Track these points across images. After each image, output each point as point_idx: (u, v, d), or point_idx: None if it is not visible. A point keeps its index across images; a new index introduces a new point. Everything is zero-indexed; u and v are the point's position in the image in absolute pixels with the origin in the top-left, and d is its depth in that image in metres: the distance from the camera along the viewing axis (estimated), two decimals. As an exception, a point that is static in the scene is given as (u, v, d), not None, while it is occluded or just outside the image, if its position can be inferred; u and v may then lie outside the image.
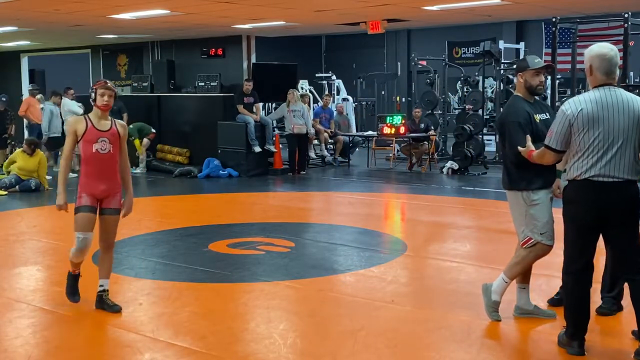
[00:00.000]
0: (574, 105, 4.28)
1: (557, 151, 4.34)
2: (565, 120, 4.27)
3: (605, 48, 4.31)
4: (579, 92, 11.71)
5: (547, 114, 4.99)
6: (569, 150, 4.36)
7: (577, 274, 4.41)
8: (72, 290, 5.64)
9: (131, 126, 13.92)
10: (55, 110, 14.65)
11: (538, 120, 4.85)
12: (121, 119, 14.06)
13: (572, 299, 4.48)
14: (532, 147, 4.62)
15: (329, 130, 15.81)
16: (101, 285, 5.54)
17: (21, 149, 12.62)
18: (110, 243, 5.48)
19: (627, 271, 4.40)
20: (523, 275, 5.14)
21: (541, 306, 5.45)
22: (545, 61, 16.17)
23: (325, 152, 15.93)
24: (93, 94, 5.36)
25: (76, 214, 5.37)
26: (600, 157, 4.22)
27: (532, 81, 4.93)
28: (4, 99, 15.13)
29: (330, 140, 15.97)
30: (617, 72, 4.36)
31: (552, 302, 5.41)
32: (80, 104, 14.70)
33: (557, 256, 5.45)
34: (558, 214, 4.60)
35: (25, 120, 17.12)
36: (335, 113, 16.87)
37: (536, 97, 5.04)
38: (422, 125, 14.82)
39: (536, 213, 4.89)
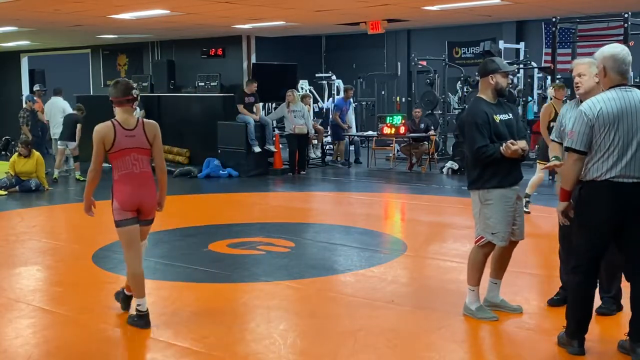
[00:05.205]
0: (592, 105, 4.24)
1: (580, 152, 4.26)
2: (586, 120, 4.22)
3: (617, 48, 4.30)
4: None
5: (510, 114, 5.12)
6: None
7: (585, 274, 4.36)
8: None
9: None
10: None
11: (498, 121, 4.99)
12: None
13: (577, 298, 4.44)
14: (557, 162, 4.87)
15: (345, 125, 15.88)
16: None
17: (16, 153, 12.56)
18: None
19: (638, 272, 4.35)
20: (496, 272, 5.28)
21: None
22: (545, 61, 16.15)
23: (315, 155, 15.95)
24: None
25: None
26: (620, 157, 4.18)
27: (502, 83, 5.05)
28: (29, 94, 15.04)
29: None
30: (630, 71, 4.36)
31: (552, 303, 5.41)
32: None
33: (557, 256, 5.47)
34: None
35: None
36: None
37: (499, 98, 5.12)
38: (422, 125, 14.80)
39: (489, 212, 5.01)
